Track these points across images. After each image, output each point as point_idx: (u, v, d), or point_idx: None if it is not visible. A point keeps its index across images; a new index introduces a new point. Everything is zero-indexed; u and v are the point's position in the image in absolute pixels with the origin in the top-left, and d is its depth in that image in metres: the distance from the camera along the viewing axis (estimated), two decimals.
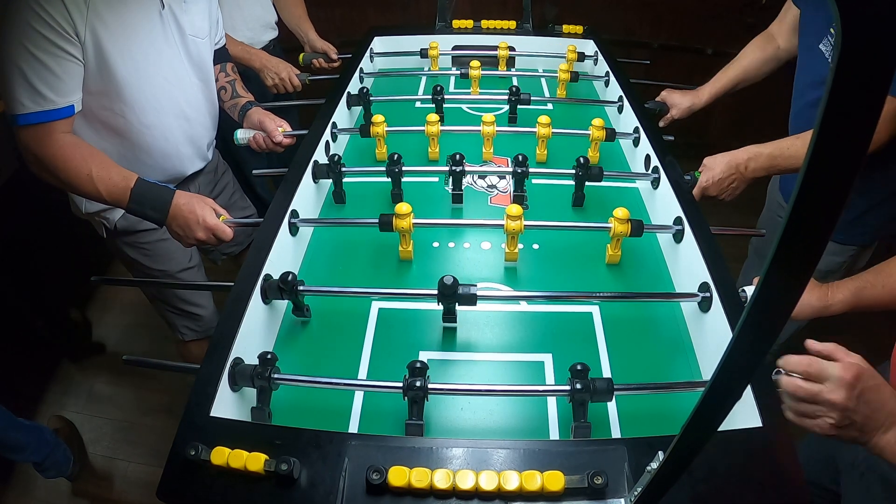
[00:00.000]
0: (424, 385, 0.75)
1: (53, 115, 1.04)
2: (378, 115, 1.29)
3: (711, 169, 1.19)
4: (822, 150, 0.29)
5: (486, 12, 1.89)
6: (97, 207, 1.27)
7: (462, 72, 1.55)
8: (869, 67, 0.26)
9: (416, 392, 0.75)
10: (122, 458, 1.82)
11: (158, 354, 0.93)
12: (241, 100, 1.42)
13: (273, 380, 0.78)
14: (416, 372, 0.76)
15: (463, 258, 1.09)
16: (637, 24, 2.65)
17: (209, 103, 1.35)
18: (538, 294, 0.98)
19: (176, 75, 1.22)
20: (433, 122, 1.27)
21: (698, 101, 1.50)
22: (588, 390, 0.74)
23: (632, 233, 1.00)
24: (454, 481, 0.63)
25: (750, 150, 1.18)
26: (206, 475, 0.67)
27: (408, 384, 0.75)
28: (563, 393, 0.76)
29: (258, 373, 0.77)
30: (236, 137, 1.40)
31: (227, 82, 1.43)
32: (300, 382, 0.80)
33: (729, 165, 1.17)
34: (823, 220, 0.31)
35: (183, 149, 1.30)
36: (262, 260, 0.94)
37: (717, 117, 2.74)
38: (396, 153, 1.15)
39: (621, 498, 0.63)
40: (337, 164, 1.16)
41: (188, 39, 1.22)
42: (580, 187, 1.18)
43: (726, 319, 0.84)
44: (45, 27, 0.98)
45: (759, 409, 0.71)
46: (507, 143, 1.35)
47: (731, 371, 0.40)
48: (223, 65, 1.45)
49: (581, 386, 0.74)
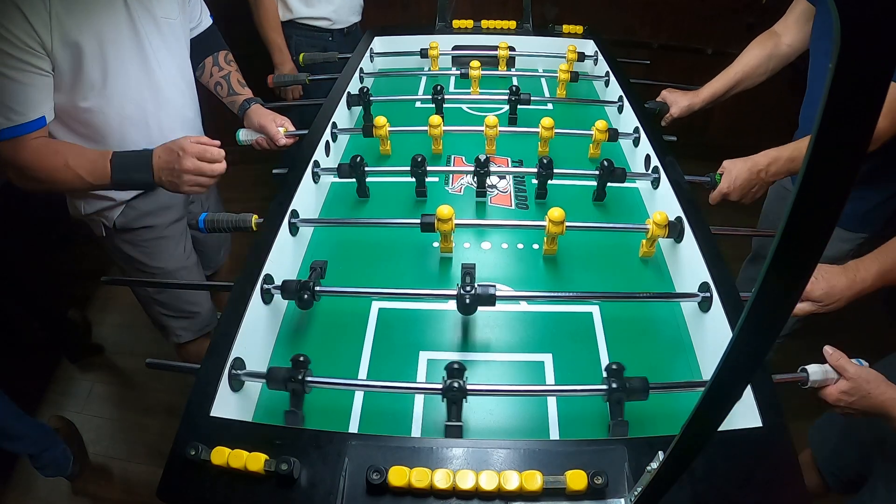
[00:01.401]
0: (463, 386, 0.74)
1: (24, 129, 1.04)
2: (380, 118, 1.29)
3: (732, 174, 1.19)
4: (821, 149, 0.29)
5: (486, 12, 1.89)
6: (96, 207, 1.26)
7: (462, 72, 1.55)
8: (868, 67, 0.26)
9: (455, 393, 0.74)
10: (122, 458, 1.82)
11: (158, 354, 0.93)
12: (238, 97, 1.40)
13: (307, 383, 0.76)
14: (454, 373, 0.75)
15: (463, 258, 1.09)
16: (637, 24, 2.65)
17: (187, 84, 1.33)
18: (538, 294, 0.98)
19: (154, 60, 1.19)
20: (436, 125, 1.28)
21: (697, 100, 1.50)
22: (623, 389, 0.74)
23: (669, 234, 1.02)
24: (454, 481, 0.63)
25: (769, 154, 1.19)
26: (206, 475, 0.67)
27: (447, 386, 0.74)
28: (600, 392, 0.76)
29: (291, 376, 0.76)
30: (238, 138, 1.40)
31: (222, 77, 1.40)
32: (334, 385, 0.79)
33: (751, 172, 1.18)
34: (824, 219, 0.31)
35: (169, 134, 1.25)
36: (262, 260, 0.94)
37: (718, 117, 2.74)
38: (420, 155, 1.16)
39: (621, 498, 0.63)
40: (360, 164, 1.16)
41: (161, 22, 1.19)
42: (602, 186, 1.19)
43: (726, 319, 0.84)
44: (9, 45, 0.98)
45: (759, 409, 0.72)
46: (508, 142, 1.35)
47: (731, 371, 0.40)
48: (215, 55, 1.41)
49: (617, 385, 0.74)
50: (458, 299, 0.87)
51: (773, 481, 0.66)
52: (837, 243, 1.34)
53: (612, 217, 1.19)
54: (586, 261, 1.07)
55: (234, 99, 1.40)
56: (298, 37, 1.99)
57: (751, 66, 1.45)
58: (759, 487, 0.65)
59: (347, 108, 1.48)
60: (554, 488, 0.63)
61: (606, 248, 1.09)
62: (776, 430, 0.70)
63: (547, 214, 1.00)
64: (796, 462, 0.68)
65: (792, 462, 0.68)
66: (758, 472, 0.66)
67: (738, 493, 0.65)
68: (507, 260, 1.08)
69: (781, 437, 0.69)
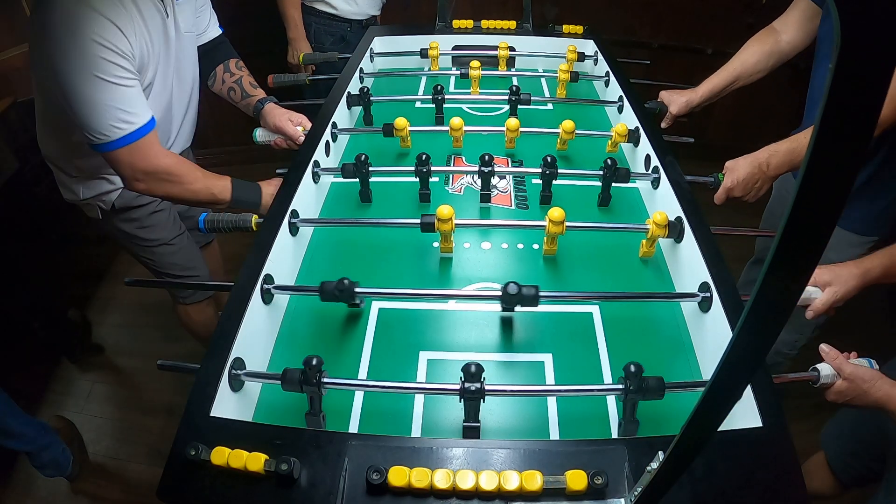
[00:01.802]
0: (481, 388, 0.74)
1: (146, 129, 1.12)
2: (400, 119, 1.30)
3: (735, 171, 1.19)
4: (822, 149, 0.29)
5: (486, 12, 1.89)
6: (95, 191, 1.32)
7: (462, 72, 1.55)
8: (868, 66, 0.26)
9: (473, 395, 0.74)
10: (122, 458, 1.82)
11: (158, 354, 0.93)
12: (252, 99, 1.44)
13: (322, 384, 0.75)
14: (471, 377, 0.74)
15: (462, 258, 1.09)
16: (637, 24, 2.65)
17: (195, 93, 1.41)
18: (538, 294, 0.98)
19: (176, 72, 1.26)
20: (457, 128, 1.29)
21: (695, 96, 1.50)
22: (640, 390, 0.74)
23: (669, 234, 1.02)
24: (454, 481, 0.63)
25: (768, 148, 1.19)
26: (206, 475, 0.67)
27: (464, 388, 0.74)
28: (617, 391, 0.76)
29: (306, 378, 0.75)
30: (255, 138, 1.40)
31: (234, 82, 1.44)
32: (339, 386, 0.78)
33: (752, 165, 1.18)
34: (824, 218, 0.31)
35: (177, 139, 1.38)
36: (262, 260, 0.94)
37: (718, 117, 2.74)
38: (425, 153, 1.15)
39: (621, 498, 0.63)
40: (364, 164, 1.16)
41: (184, 37, 1.26)
42: (607, 188, 1.18)
43: (726, 319, 0.84)
44: (117, 57, 1.05)
45: (759, 409, 0.71)
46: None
47: (731, 371, 0.40)
48: (226, 63, 1.45)
49: (634, 386, 0.74)
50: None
51: (773, 481, 0.66)
52: (847, 248, 1.32)
53: (612, 217, 1.19)
54: (586, 261, 1.07)
55: (248, 101, 1.45)
56: (318, 24, 2.02)
57: (749, 63, 1.44)
58: (759, 487, 0.65)
59: (347, 108, 1.48)
60: (554, 488, 0.63)
61: (606, 248, 1.09)
62: (776, 430, 0.70)
63: (547, 214, 1.00)
64: (796, 462, 0.68)
65: (792, 462, 0.68)
66: (758, 472, 0.66)
67: (738, 493, 0.65)
68: (508, 260, 1.08)
69: (781, 437, 0.69)
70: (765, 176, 1.20)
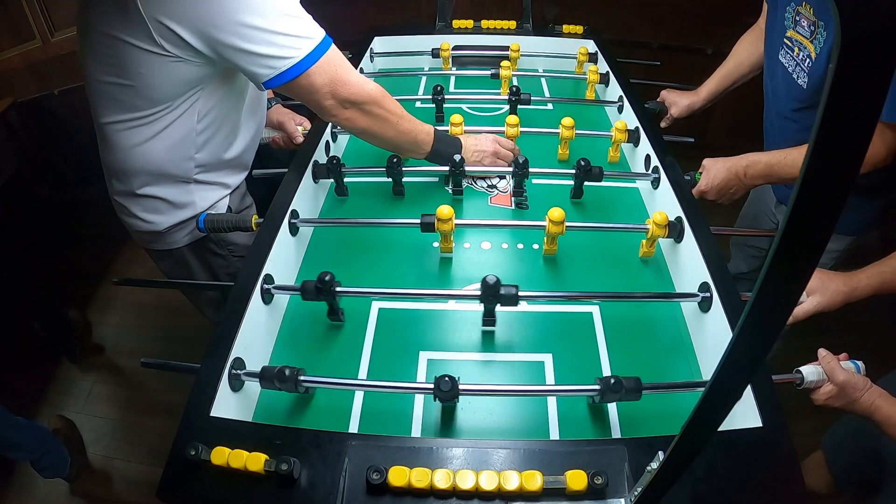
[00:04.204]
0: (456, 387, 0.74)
1: (329, 41, 0.99)
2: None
3: (710, 174, 1.18)
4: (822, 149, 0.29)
5: (486, 12, 1.89)
6: (178, 218, 1.15)
7: (493, 72, 1.55)
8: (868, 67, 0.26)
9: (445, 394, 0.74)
10: (122, 458, 1.82)
11: (159, 354, 0.93)
12: None
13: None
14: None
15: (463, 258, 1.09)
16: (637, 24, 2.64)
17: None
18: (538, 294, 0.98)
19: None
20: (457, 123, 1.29)
21: (697, 100, 1.50)
22: (617, 390, 0.74)
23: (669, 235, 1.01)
24: (454, 481, 0.63)
25: (749, 157, 1.17)
26: (206, 475, 0.67)
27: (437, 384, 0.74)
28: (591, 392, 0.76)
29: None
30: None
31: None
32: (334, 385, 0.79)
33: (729, 172, 1.16)
34: (824, 219, 0.31)
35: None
36: (262, 260, 0.94)
37: (717, 117, 2.74)
38: (396, 156, 1.16)
39: (621, 498, 0.63)
40: (337, 165, 1.16)
41: None
42: (579, 186, 1.19)
43: (726, 319, 0.84)
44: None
45: (759, 409, 0.72)
46: None
47: (731, 371, 0.40)
48: None
49: (608, 386, 0.74)
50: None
51: (773, 481, 0.66)
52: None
53: (612, 217, 1.19)
54: (586, 261, 1.07)
55: None
56: None
57: (745, 60, 1.45)
58: (759, 487, 0.65)
59: None
60: (554, 488, 0.63)
61: (606, 249, 1.09)
62: (776, 430, 0.70)
63: (547, 214, 1.00)
64: (796, 462, 0.68)
65: (792, 462, 0.68)
66: (758, 472, 0.66)
67: (738, 493, 0.65)
68: (508, 260, 1.08)
69: (781, 437, 0.69)
70: (741, 184, 1.18)
